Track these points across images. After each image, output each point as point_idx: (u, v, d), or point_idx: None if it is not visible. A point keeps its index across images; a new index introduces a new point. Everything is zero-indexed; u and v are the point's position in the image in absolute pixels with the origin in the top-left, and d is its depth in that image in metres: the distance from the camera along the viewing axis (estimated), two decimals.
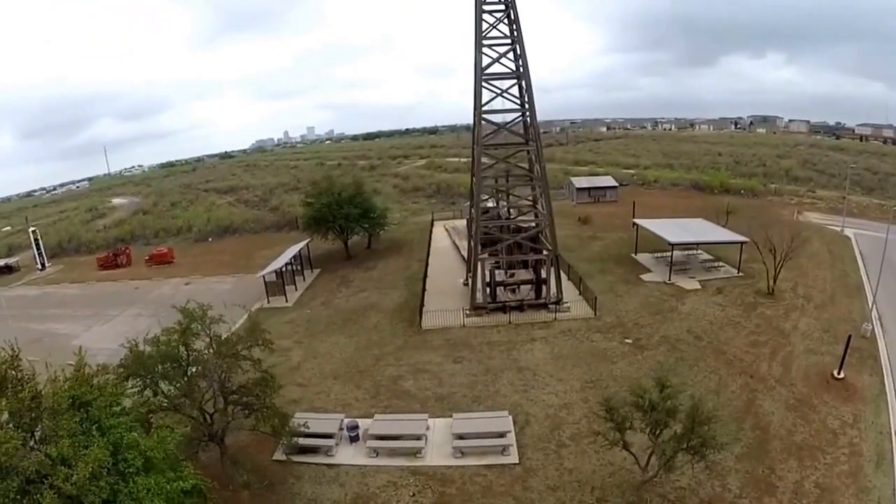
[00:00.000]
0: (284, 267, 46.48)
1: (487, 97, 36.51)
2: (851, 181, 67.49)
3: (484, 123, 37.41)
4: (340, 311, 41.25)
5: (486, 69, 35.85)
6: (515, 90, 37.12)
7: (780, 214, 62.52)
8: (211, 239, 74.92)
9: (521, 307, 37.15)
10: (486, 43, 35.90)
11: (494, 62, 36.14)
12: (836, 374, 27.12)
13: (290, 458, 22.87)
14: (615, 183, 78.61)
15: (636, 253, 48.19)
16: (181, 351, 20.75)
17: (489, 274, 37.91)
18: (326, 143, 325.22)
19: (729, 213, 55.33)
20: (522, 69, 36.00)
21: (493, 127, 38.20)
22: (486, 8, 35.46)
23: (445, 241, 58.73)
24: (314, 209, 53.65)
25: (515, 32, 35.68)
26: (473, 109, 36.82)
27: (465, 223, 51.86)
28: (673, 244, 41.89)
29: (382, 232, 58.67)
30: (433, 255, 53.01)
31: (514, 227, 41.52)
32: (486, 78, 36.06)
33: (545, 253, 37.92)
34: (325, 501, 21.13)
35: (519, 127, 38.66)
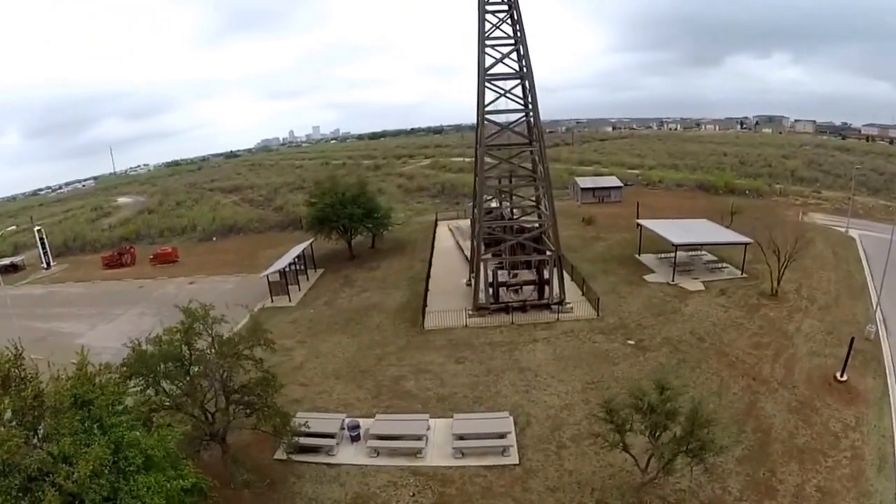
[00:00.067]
0: (288, 267, 46.56)
1: (491, 98, 36.52)
2: (857, 182, 67.26)
3: (487, 124, 37.42)
4: (343, 310, 41.36)
5: (489, 69, 35.76)
6: (519, 90, 37.06)
7: (784, 215, 62.21)
8: (215, 238, 75.17)
9: (523, 308, 37.13)
10: (489, 43, 35.80)
11: (497, 62, 36.06)
12: (838, 376, 26.95)
13: (290, 457, 22.97)
14: (619, 183, 78.41)
15: (639, 254, 48.07)
16: (183, 350, 20.86)
17: (492, 274, 37.90)
18: (332, 142, 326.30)
19: (733, 213, 55.14)
20: (526, 69, 35.93)
21: (496, 127, 38.20)
22: (488, 8, 35.34)
23: (449, 241, 58.74)
24: (317, 209, 53.75)
25: (518, 33, 35.59)
26: (476, 110, 36.81)
27: (468, 223, 51.90)
28: (676, 245, 41.78)
29: (386, 232, 58.63)
30: (436, 255, 52.98)
31: (517, 227, 41.50)
32: (489, 78, 35.99)
33: (548, 253, 37.88)
34: (325, 501, 21.23)
35: (522, 127, 38.64)
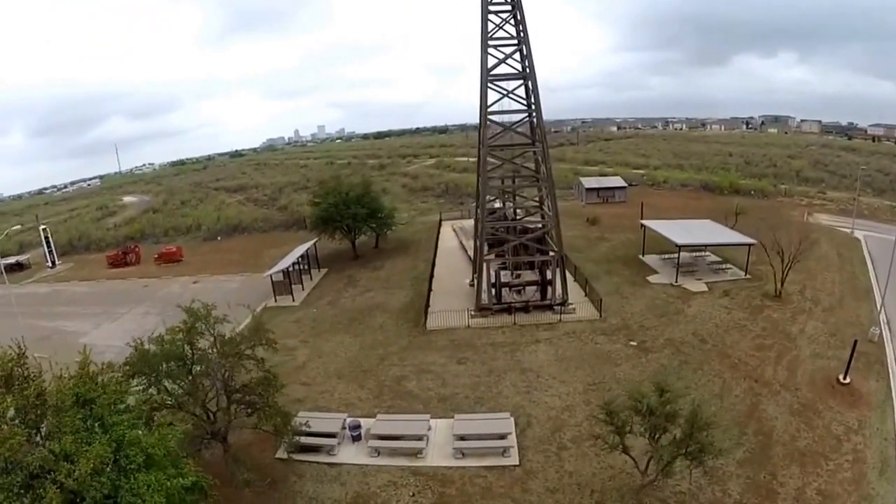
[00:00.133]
0: (292, 266, 46.74)
1: (494, 98, 36.52)
2: (862, 182, 66.79)
3: (490, 124, 37.41)
4: (346, 310, 41.46)
5: (492, 70, 35.79)
6: (522, 91, 37.06)
7: (789, 216, 61.88)
8: (220, 238, 75.52)
9: (526, 308, 37.12)
10: (492, 44, 35.79)
11: (500, 63, 36.05)
12: (841, 378, 26.82)
13: (291, 456, 23.06)
14: (624, 183, 78.26)
15: (643, 254, 47.94)
16: (186, 350, 20.99)
17: (495, 275, 37.93)
18: (337, 141, 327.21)
19: (738, 214, 54.82)
20: (529, 70, 35.90)
21: (499, 127, 38.18)
22: (491, 9, 35.33)
23: (453, 241, 58.76)
24: (321, 209, 53.85)
25: (522, 33, 35.58)
26: (479, 110, 36.80)
27: (472, 223, 51.83)
28: (680, 246, 41.65)
29: (390, 232, 58.75)
30: (440, 255, 53.06)
31: (520, 227, 41.46)
32: (492, 79, 36.00)
33: (551, 254, 37.86)
34: (325, 500, 21.33)
35: (526, 128, 38.63)
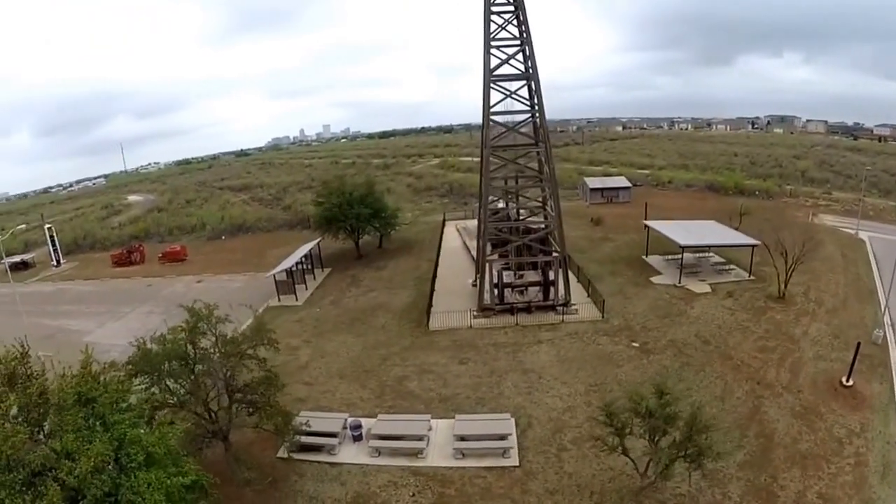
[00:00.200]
0: (295, 266, 46.88)
1: (497, 98, 36.53)
2: (868, 183, 66.45)
3: (494, 125, 37.42)
4: (349, 310, 41.55)
5: (494, 70, 35.80)
6: (525, 91, 37.09)
7: (794, 216, 61.68)
8: (224, 237, 75.79)
9: (528, 309, 37.11)
10: (495, 44, 35.82)
11: (503, 63, 36.07)
12: (844, 381, 26.67)
13: (291, 455, 23.11)
14: (628, 184, 78.09)
15: (647, 255, 47.83)
16: (188, 349, 21.11)
17: (497, 275, 37.94)
18: (342, 141, 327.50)
19: (743, 214, 54.68)
20: (532, 70, 35.90)
21: (502, 128, 38.19)
22: (494, 9, 35.38)
23: (456, 241, 58.77)
24: (325, 208, 54.02)
25: (524, 34, 35.57)
26: (482, 111, 36.82)
27: (476, 223, 51.87)
28: (683, 246, 41.57)
29: (393, 232, 58.87)
30: (443, 255, 53.11)
31: (523, 228, 41.45)
32: (495, 79, 36.02)
33: (554, 254, 37.84)
34: (326, 499, 21.39)
35: (529, 128, 38.62)
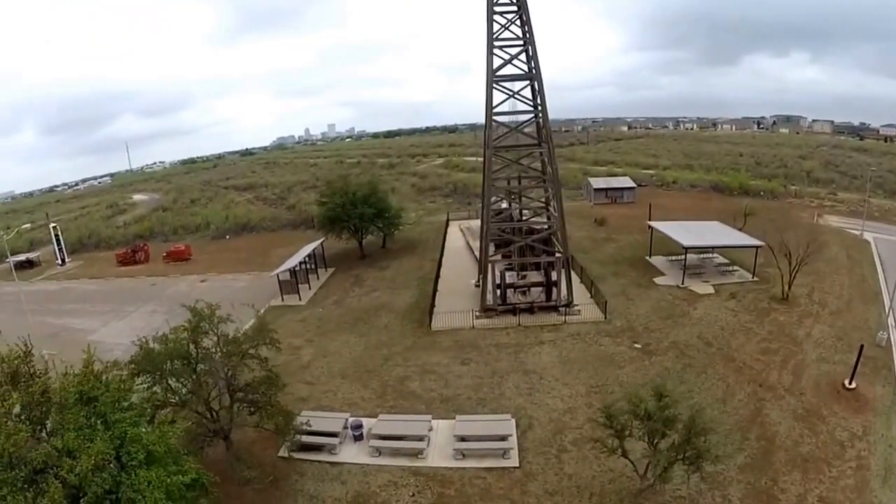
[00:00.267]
0: (299, 265, 46.98)
1: (500, 99, 36.51)
2: (873, 183, 66.04)
3: (497, 125, 37.39)
4: (352, 310, 41.64)
5: (497, 71, 35.77)
6: (528, 92, 37.04)
7: (799, 217, 61.35)
8: (228, 236, 76.04)
9: (531, 309, 37.10)
10: (497, 45, 35.76)
11: (506, 64, 36.03)
12: (847, 383, 26.53)
13: (291, 455, 23.20)
14: (633, 184, 77.90)
15: (650, 256, 47.70)
16: (190, 349, 21.22)
17: (500, 276, 37.92)
18: (347, 140, 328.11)
19: (747, 215, 54.43)
20: (535, 71, 35.84)
21: (505, 128, 38.15)
22: (497, 10, 35.34)
23: (460, 241, 58.79)
24: (328, 208, 54.13)
25: (527, 34, 35.50)
26: (485, 111, 36.80)
27: (479, 223, 51.86)
28: (686, 247, 41.43)
29: (397, 231, 58.90)
30: (447, 255, 53.10)
31: (526, 228, 41.41)
32: (497, 80, 35.98)
33: (557, 255, 37.79)
34: (326, 499, 21.50)
35: (532, 128, 38.56)
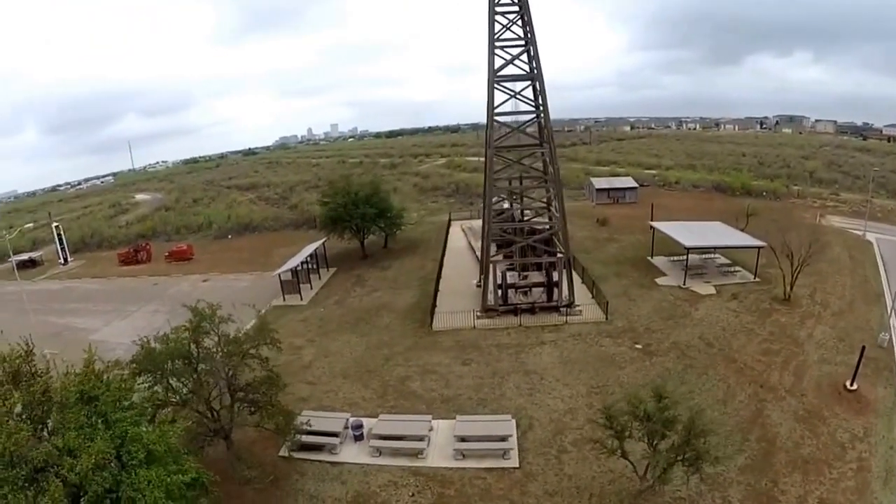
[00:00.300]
0: (301, 265, 47.02)
1: (501, 99, 36.50)
2: (876, 184, 65.77)
3: (498, 125, 37.39)
4: (353, 310, 41.69)
5: (499, 71, 35.76)
6: (529, 92, 37.02)
7: (801, 217, 61.12)
8: (230, 236, 76.17)
9: (532, 310, 37.09)
10: (499, 45, 35.74)
11: (508, 64, 36.01)
12: (848, 385, 26.46)
13: (292, 454, 23.26)
14: (635, 184, 77.77)
15: (652, 256, 47.63)
16: (191, 349, 21.28)
17: (501, 276, 37.91)
18: (349, 140, 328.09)
19: (749, 215, 54.27)
20: (536, 71, 35.81)
21: (507, 128, 38.15)
22: (498, 10, 35.31)
23: (461, 241, 58.80)
24: (330, 208, 54.22)
25: (529, 34, 35.46)
26: (486, 111, 36.81)
27: (481, 223, 51.84)
28: (688, 248, 41.37)
29: (399, 231, 58.95)
30: (448, 255, 53.10)
31: (528, 229, 41.39)
32: (499, 80, 35.96)
33: (558, 255, 37.77)
34: (326, 498, 21.55)
35: (534, 128, 38.54)
